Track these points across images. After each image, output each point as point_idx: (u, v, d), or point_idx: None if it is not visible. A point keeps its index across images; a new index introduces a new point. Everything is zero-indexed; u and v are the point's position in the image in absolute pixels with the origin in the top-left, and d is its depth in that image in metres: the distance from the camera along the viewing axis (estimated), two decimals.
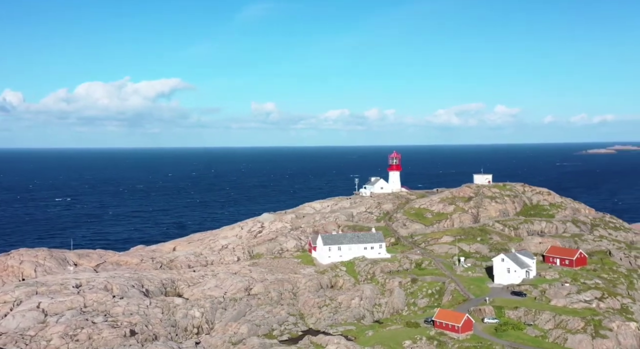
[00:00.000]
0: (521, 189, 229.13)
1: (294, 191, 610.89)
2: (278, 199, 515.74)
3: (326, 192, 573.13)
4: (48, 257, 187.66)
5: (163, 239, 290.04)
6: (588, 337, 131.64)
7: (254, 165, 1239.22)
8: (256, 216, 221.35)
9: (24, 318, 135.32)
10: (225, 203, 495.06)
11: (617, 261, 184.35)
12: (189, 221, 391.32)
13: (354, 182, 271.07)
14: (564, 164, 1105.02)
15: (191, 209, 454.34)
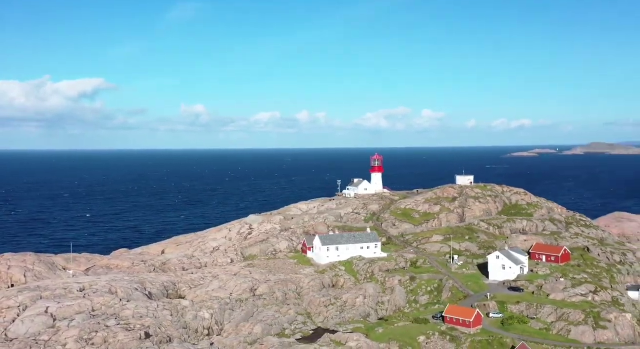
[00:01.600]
0: (500, 190, 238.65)
1: (242, 193, 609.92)
2: (232, 202, 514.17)
3: (278, 195, 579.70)
4: (37, 262, 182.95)
5: (126, 244, 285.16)
6: (590, 328, 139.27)
7: (190, 168, 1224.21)
8: (220, 220, 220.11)
9: (33, 323, 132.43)
10: (178, 207, 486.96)
11: (596, 256, 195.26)
12: (145, 225, 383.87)
13: (302, 184, 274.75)
14: (494, 166, 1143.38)
15: (143, 214, 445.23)
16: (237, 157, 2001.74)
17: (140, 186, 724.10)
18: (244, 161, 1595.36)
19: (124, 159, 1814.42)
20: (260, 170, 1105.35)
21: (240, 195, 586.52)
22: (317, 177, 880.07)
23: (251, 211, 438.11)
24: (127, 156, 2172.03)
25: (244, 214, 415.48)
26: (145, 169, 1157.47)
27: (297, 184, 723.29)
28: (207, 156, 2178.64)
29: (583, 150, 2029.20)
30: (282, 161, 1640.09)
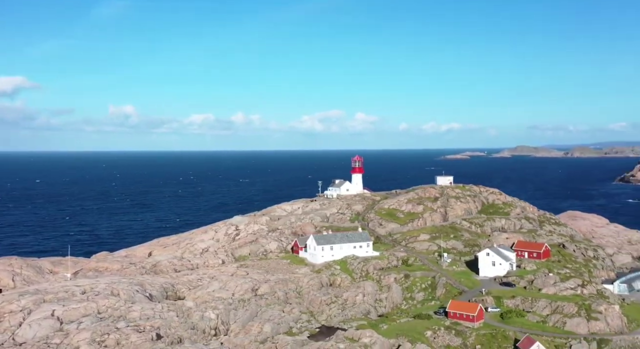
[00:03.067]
0: (478, 190, 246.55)
1: (193, 195, 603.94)
2: (186, 205, 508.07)
3: (230, 197, 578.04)
4: (24, 265, 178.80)
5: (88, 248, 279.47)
6: (583, 320, 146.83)
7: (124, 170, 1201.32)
8: (183, 223, 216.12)
9: (40, 327, 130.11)
10: (129, 210, 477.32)
11: (572, 252, 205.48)
12: (102, 229, 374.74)
13: (251, 187, 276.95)
14: (432, 168, 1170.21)
15: (95, 217, 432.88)
16: (171, 160, 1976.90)
17: (81, 188, 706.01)
18: (182, 164, 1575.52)
19: (50, 161, 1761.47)
20: (202, 172, 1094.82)
21: (191, 198, 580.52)
22: (266, 179, 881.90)
23: (212, 215, 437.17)
24: (52, 158, 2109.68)
25: (206, 218, 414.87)
26: (79, 172, 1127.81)
27: (249, 186, 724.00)
28: (138, 159, 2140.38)
29: (510, 153, 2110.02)
30: (221, 163, 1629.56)
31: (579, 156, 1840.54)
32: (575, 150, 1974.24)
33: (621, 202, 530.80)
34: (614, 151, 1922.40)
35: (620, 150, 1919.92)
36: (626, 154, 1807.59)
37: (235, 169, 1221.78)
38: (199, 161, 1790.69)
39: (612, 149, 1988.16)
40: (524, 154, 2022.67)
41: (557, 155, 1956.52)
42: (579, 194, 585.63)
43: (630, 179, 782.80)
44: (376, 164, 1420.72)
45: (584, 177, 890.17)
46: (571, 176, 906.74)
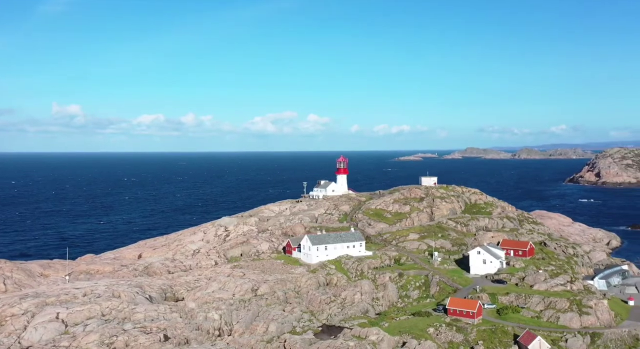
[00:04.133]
0: (460, 190, 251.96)
1: (154, 198, 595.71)
2: (149, 208, 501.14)
3: (193, 199, 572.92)
4: (14, 269, 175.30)
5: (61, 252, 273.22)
6: (576, 315, 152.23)
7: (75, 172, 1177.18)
8: (153, 226, 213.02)
9: (45, 330, 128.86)
10: (92, 213, 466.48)
11: (553, 250, 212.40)
12: (68, 232, 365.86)
13: (212, 189, 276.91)
14: (389, 170, 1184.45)
15: (56, 220, 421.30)
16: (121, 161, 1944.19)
17: (34, 190, 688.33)
18: (134, 165, 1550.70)
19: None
20: (158, 174, 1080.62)
21: (153, 200, 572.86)
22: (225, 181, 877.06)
23: (179, 216, 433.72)
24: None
25: (174, 220, 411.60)
26: (26, 173, 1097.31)
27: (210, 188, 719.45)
28: (86, 160, 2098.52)
29: (460, 154, 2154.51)
30: (175, 164, 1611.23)
31: (525, 158, 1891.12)
32: (521, 152, 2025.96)
33: (575, 202, 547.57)
34: (557, 152, 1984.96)
35: (564, 152, 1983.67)
36: (569, 156, 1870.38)
37: (191, 171, 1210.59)
38: (151, 163, 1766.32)
39: (556, 151, 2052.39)
40: (474, 156, 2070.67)
41: (505, 157, 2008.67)
42: (535, 195, 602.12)
43: (579, 180, 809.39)
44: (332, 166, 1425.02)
45: (536, 178, 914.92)
46: (523, 177, 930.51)
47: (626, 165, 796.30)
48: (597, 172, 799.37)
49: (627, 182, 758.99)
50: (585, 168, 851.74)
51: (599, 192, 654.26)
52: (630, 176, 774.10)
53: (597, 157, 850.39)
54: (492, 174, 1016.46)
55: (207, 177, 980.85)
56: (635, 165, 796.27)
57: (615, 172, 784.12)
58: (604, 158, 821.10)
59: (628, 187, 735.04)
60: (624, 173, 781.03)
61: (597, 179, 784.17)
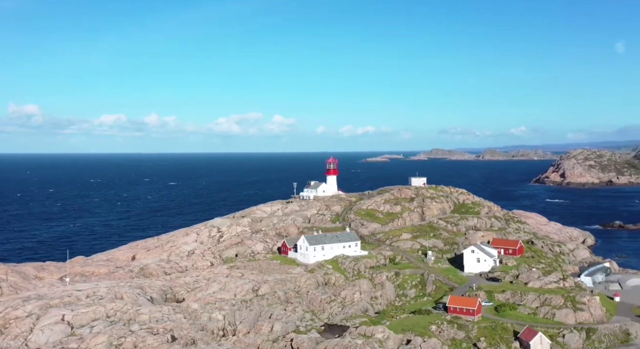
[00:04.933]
0: (448, 190, 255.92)
1: (127, 199, 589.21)
2: (122, 210, 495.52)
3: (167, 201, 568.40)
4: (9, 271, 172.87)
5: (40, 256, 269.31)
6: (571, 311, 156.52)
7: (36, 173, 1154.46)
8: (129, 229, 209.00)
9: (52, 332, 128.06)
10: (64, 215, 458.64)
11: (541, 248, 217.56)
12: (43, 235, 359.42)
13: (184, 190, 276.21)
14: (358, 171, 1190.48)
15: (27, 223, 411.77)
16: (84, 162, 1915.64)
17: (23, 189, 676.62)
18: (98, 167, 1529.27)
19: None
20: (126, 176, 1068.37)
21: (126, 201, 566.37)
22: (196, 182, 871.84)
23: (156, 218, 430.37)
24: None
25: (152, 222, 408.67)
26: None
27: (182, 190, 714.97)
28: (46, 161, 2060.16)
29: (426, 155, 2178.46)
30: (141, 165, 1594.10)
31: (489, 159, 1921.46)
32: (485, 153, 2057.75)
33: (544, 201, 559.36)
34: (520, 154, 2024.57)
35: (525, 153, 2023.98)
36: (531, 157, 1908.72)
37: (158, 172, 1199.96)
38: (115, 164, 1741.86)
39: (518, 152, 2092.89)
40: (439, 157, 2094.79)
41: (469, 158, 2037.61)
42: (505, 195, 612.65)
43: (545, 180, 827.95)
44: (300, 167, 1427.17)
45: (502, 178, 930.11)
46: (490, 178, 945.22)
47: (589, 166, 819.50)
48: (562, 172, 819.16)
49: (591, 182, 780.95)
50: (550, 169, 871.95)
51: (565, 193, 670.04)
52: (594, 176, 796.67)
53: (562, 159, 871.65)
54: (460, 175, 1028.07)
55: (176, 178, 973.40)
56: (597, 166, 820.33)
57: (579, 172, 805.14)
58: (568, 159, 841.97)
59: (591, 187, 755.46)
60: (587, 174, 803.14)
61: (562, 179, 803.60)
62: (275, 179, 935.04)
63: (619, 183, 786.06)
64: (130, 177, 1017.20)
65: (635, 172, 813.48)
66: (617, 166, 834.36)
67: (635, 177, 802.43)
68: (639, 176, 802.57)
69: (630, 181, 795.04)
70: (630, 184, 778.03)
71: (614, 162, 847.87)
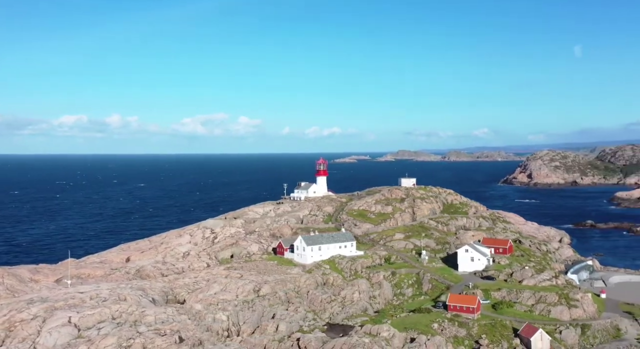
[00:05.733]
0: (437, 191, 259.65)
1: (98, 201, 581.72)
2: (96, 212, 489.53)
3: (140, 202, 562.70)
4: (5, 274, 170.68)
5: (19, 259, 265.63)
6: (565, 308, 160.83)
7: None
8: (107, 232, 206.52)
9: (60, 334, 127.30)
10: (35, 218, 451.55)
11: (529, 247, 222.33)
12: (18, 237, 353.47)
13: (154, 192, 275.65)
14: (332, 172, 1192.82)
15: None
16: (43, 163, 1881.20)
17: None
18: (62, 168, 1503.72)
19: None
20: (92, 177, 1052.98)
21: (98, 203, 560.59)
22: (165, 184, 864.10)
23: (133, 221, 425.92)
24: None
25: (129, 224, 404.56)
26: None
27: (152, 191, 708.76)
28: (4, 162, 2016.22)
29: (393, 156, 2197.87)
30: (105, 166, 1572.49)
31: (454, 160, 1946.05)
32: (450, 154, 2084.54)
33: (514, 202, 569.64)
34: (484, 155, 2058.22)
35: (490, 154, 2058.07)
36: (495, 158, 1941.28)
37: (125, 174, 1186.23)
38: (80, 166, 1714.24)
39: (482, 153, 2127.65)
40: (406, 158, 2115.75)
41: (435, 159, 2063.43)
42: (477, 196, 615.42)
43: (512, 181, 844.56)
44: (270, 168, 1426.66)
45: (471, 179, 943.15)
46: (459, 178, 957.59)
47: (555, 167, 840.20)
48: (529, 173, 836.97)
49: (557, 183, 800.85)
50: (517, 170, 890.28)
51: (533, 193, 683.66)
52: (559, 177, 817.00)
53: (529, 160, 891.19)
54: (428, 176, 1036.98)
55: (145, 180, 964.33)
56: (562, 167, 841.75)
57: (545, 173, 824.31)
58: (534, 160, 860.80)
59: (557, 187, 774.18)
60: (553, 174, 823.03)
61: (529, 180, 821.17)
62: (247, 180, 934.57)
63: (583, 183, 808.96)
64: (97, 179, 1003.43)
65: (598, 173, 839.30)
66: (581, 166, 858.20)
67: (598, 177, 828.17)
68: (601, 177, 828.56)
69: (593, 181, 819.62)
70: (593, 185, 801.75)
71: (578, 163, 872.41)
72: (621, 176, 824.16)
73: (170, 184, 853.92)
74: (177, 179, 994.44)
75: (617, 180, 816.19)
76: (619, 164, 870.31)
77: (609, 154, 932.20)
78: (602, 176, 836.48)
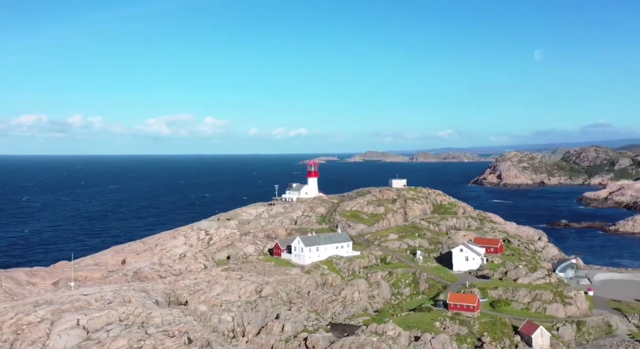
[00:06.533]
0: (427, 192, 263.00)
1: (69, 203, 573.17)
2: (67, 214, 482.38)
3: (113, 204, 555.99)
4: (3, 278, 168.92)
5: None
6: (560, 305, 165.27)
7: None
8: (87, 235, 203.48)
9: (69, 337, 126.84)
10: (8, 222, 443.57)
11: (517, 246, 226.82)
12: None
13: (126, 193, 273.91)
14: (298, 173, 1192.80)
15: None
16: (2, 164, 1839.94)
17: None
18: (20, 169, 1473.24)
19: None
20: (58, 179, 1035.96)
21: (70, 205, 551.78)
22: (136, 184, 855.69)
23: (110, 223, 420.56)
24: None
25: (108, 226, 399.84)
26: None
27: (125, 193, 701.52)
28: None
29: (361, 157, 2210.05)
30: (71, 168, 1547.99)
31: (422, 161, 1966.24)
32: (418, 155, 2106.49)
33: (488, 202, 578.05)
34: (451, 156, 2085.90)
35: (457, 155, 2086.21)
36: (461, 159, 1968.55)
37: (93, 175, 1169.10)
38: (43, 167, 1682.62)
39: (449, 154, 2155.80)
40: (374, 159, 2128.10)
41: (403, 160, 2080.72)
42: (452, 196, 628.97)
43: (483, 182, 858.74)
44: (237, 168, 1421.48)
45: (441, 180, 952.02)
46: (430, 179, 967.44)
47: (523, 168, 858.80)
48: (498, 174, 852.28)
49: (525, 183, 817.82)
50: (487, 171, 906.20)
51: (504, 193, 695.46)
52: (527, 177, 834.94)
53: (498, 161, 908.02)
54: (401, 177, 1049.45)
55: (115, 181, 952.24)
56: (530, 168, 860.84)
57: (514, 174, 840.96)
58: (503, 161, 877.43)
59: (526, 188, 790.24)
60: (521, 175, 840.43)
61: (499, 180, 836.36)
62: (220, 181, 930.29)
63: (550, 184, 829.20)
64: (65, 180, 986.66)
65: (564, 174, 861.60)
66: (548, 167, 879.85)
67: (564, 178, 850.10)
68: (567, 177, 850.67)
69: (560, 182, 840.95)
70: (560, 185, 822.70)
71: (545, 164, 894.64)
72: (586, 177, 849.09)
73: (141, 186, 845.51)
74: (146, 181, 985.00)
75: (582, 180, 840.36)
76: (584, 165, 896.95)
77: (573, 156, 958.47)
78: (568, 176, 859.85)
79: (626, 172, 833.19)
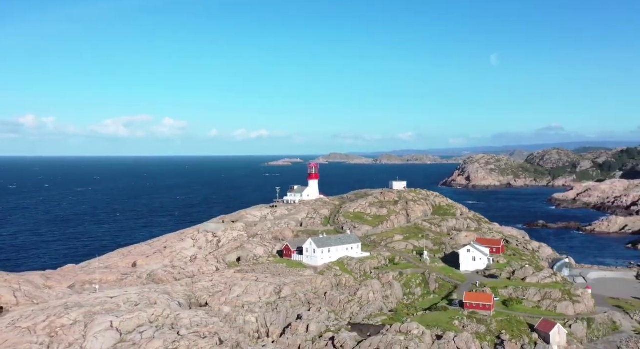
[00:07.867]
0: (426, 194, 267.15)
1: (40, 206, 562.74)
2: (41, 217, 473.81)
3: (87, 206, 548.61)
4: (21, 281, 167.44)
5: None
6: (570, 303, 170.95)
7: None
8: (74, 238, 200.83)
9: (105, 338, 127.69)
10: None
11: (516, 246, 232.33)
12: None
13: (95, 195, 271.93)
14: (267, 175, 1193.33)
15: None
16: None
17: None
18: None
19: None
20: (20, 181, 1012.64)
21: (42, 207, 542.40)
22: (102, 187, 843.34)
23: (88, 226, 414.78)
24: None
25: (88, 228, 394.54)
26: None
27: (93, 195, 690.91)
28: None
29: (325, 159, 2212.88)
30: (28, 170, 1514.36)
31: (386, 163, 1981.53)
32: (382, 157, 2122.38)
33: (463, 203, 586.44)
34: (414, 158, 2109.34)
35: (419, 158, 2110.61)
36: (424, 161, 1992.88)
37: (55, 177, 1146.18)
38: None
39: (412, 156, 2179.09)
40: (338, 161, 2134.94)
41: (367, 162, 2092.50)
42: None
43: (452, 184, 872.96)
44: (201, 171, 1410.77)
45: (411, 182, 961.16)
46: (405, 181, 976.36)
47: (490, 170, 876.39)
48: (467, 176, 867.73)
49: (493, 185, 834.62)
50: (456, 172, 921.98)
51: (474, 195, 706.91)
52: (495, 179, 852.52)
53: (466, 163, 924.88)
54: (368, 179, 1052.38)
55: (80, 184, 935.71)
56: (497, 170, 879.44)
57: (482, 176, 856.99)
58: (472, 163, 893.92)
59: (494, 189, 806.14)
60: (489, 177, 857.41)
61: (467, 182, 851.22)
62: (187, 183, 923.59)
63: (517, 185, 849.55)
64: (26, 182, 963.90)
65: (529, 176, 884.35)
66: (514, 169, 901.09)
67: (530, 180, 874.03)
68: (532, 179, 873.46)
69: (525, 183, 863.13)
70: (526, 186, 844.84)
71: (511, 166, 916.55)
72: (550, 178, 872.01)
73: (108, 188, 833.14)
74: (112, 183, 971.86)
75: (546, 182, 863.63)
76: (547, 167, 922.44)
77: (537, 158, 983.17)
78: (533, 178, 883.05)
79: (587, 174, 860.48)
